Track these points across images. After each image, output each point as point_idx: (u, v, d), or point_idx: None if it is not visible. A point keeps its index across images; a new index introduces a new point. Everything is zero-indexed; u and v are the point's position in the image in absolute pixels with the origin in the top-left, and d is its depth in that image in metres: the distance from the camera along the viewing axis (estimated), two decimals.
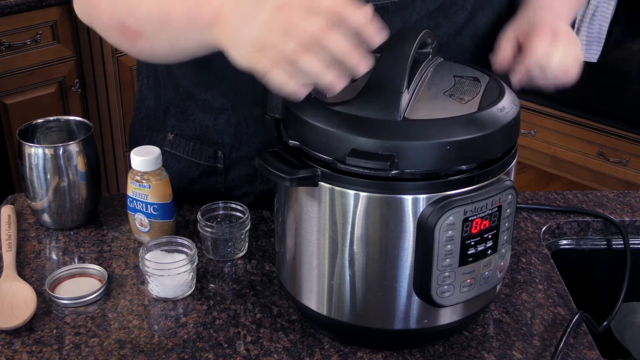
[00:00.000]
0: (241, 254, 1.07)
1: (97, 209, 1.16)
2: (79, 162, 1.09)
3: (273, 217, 1.13)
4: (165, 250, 1.01)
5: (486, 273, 0.85)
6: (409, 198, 0.79)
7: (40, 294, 0.98)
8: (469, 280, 0.84)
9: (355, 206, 0.80)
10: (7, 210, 1.14)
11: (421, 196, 0.79)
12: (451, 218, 0.79)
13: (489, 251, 0.84)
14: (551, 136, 3.19)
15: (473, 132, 0.78)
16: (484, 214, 0.81)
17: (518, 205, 1.13)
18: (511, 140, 0.84)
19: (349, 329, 0.88)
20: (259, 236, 1.12)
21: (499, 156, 0.83)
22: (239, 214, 1.08)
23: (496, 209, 0.82)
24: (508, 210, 0.83)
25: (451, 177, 0.79)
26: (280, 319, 0.95)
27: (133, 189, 1.06)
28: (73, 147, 1.08)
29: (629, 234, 1.18)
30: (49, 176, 1.08)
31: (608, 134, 3.01)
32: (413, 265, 0.82)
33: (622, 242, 1.16)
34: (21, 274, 1.02)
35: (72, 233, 1.12)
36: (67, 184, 1.09)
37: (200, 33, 0.81)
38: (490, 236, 0.83)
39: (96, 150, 1.12)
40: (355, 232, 0.82)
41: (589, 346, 0.92)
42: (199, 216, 1.06)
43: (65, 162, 1.08)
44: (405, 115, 0.79)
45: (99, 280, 1.01)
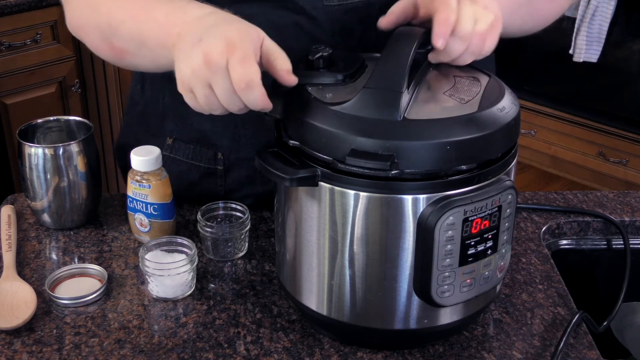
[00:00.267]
0: (241, 254, 1.07)
1: (97, 209, 1.16)
2: (79, 162, 1.09)
3: (273, 217, 1.13)
4: (165, 250, 1.01)
5: (486, 273, 0.85)
6: (409, 198, 0.79)
7: (40, 294, 0.98)
8: (469, 280, 0.84)
9: (355, 206, 0.80)
10: (7, 210, 1.14)
11: (421, 196, 0.79)
12: (451, 218, 0.79)
13: (489, 251, 0.84)
14: (551, 136, 3.19)
15: (473, 132, 0.78)
16: (484, 214, 0.81)
17: (518, 205, 1.13)
18: (511, 140, 0.84)
19: (349, 329, 0.88)
20: (259, 236, 1.12)
21: (499, 156, 0.83)
22: (239, 214, 1.08)
23: (496, 209, 0.82)
24: (508, 210, 0.83)
25: (451, 177, 0.79)
26: (280, 319, 0.95)
27: (133, 189, 1.06)
28: (73, 147, 1.08)
29: (629, 234, 1.18)
30: (49, 176, 1.08)
31: (608, 134, 3.01)
32: (413, 265, 0.82)
33: (622, 242, 1.16)
34: (21, 274, 1.02)
35: (72, 233, 1.12)
36: (67, 184, 1.09)
37: (169, 51, 0.89)
38: (490, 236, 0.83)
39: (96, 150, 1.12)
40: (355, 232, 0.82)
41: (589, 346, 0.92)
42: (199, 216, 1.06)
43: (65, 162, 1.08)
44: (405, 115, 0.79)
45: (99, 280, 1.01)
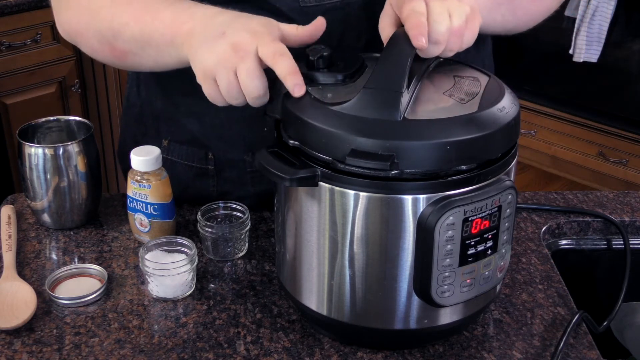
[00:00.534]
0: (241, 254, 1.07)
1: (97, 209, 1.16)
2: (79, 162, 1.09)
3: (273, 217, 1.13)
4: (165, 250, 1.01)
5: (486, 273, 0.85)
6: (409, 198, 0.79)
7: (40, 294, 0.98)
8: (469, 280, 0.84)
9: (355, 206, 0.80)
10: (7, 210, 1.14)
11: (421, 196, 0.79)
12: (451, 218, 0.79)
13: (489, 251, 0.84)
14: (551, 136, 3.19)
15: (473, 132, 0.78)
16: (484, 214, 0.81)
17: (518, 205, 1.13)
18: (511, 140, 0.84)
19: (349, 329, 0.88)
20: (259, 236, 1.12)
21: (499, 156, 0.83)
22: (239, 214, 1.08)
23: (496, 209, 0.82)
24: (508, 210, 0.83)
25: (451, 177, 0.79)
26: (280, 319, 0.95)
27: (133, 189, 1.06)
28: (73, 147, 1.08)
29: (629, 234, 1.18)
30: (49, 176, 1.08)
31: (608, 134, 3.01)
32: (413, 265, 0.82)
33: (622, 242, 1.16)
34: (21, 274, 1.02)
35: (72, 233, 1.12)
36: (67, 184, 1.09)
37: (176, 49, 0.93)
38: (490, 236, 0.83)
39: (96, 150, 1.12)
40: (355, 232, 0.82)
41: (589, 346, 0.92)
42: (199, 216, 1.06)
43: (65, 162, 1.08)
44: (405, 116, 0.79)
45: (99, 280, 1.01)
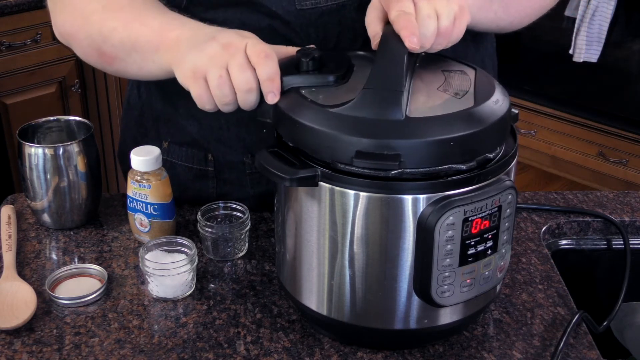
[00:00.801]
0: (241, 254, 1.07)
1: (97, 209, 1.16)
2: (79, 162, 1.09)
3: (273, 217, 1.13)
4: (165, 250, 1.01)
5: (486, 273, 0.85)
6: (409, 198, 0.79)
7: (40, 294, 0.98)
8: (469, 280, 0.84)
9: (355, 206, 0.80)
10: (7, 210, 1.14)
11: (421, 196, 0.79)
12: (451, 218, 0.79)
13: (489, 251, 0.84)
14: (551, 136, 3.19)
15: (476, 126, 0.79)
16: (484, 214, 0.81)
17: (518, 205, 1.13)
18: (509, 131, 0.86)
19: (349, 329, 0.88)
20: (259, 236, 1.12)
21: (499, 156, 0.83)
22: (239, 214, 1.08)
23: (496, 209, 0.82)
24: (508, 210, 0.83)
25: (451, 177, 0.79)
26: (280, 319, 0.95)
27: (133, 189, 1.06)
28: (73, 147, 1.08)
29: (629, 234, 1.18)
30: (49, 176, 1.08)
31: (608, 134, 3.01)
32: (413, 265, 0.82)
33: (622, 242, 1.16)
34: (21, 274, 1.02)
35: (72, 233, 1.12)
36: (67, 184, 1.09)
37: (160, 56, 0.94)
38: (490, 236, 0.83)
39: (96, 150, 1.12)
40: (355, 232, 0.82)
41: (589, 346, 0.92)
42: (199, 216, 1.06)
43: (65, 162, 1.08)
44: (407, 114, 0.79)
45: (99, 280, 1.01)
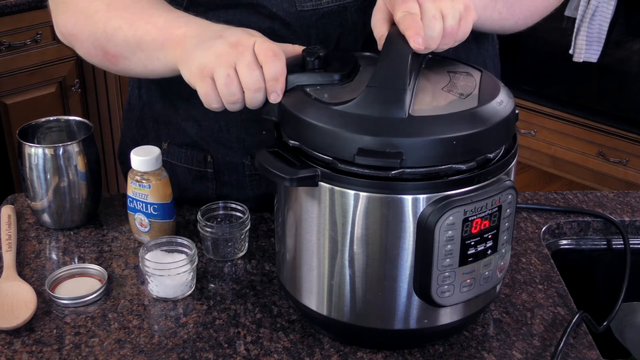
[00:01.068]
0: (241, 254, 1.07)
1: (97, 209, 1.16)
2: (79, 162, 1.09)
3: (273, 217, 1.13)
4: (165, 250, 1.01)
5: (486, 273, 0.85)
6: (409, 198, 0.79)
7: (40, 294, 0.98)
8: (469, 280, 0.84)
9: (355, 206, 0.80)
10: (7, 210, 1.14)
11: (421, 196, 0.79)
12: (451, 218, 0.79)
13: (489, 251, 0.84)
14: (551, 136, 3.19)
15: (478, 126, 0.79)
16: (484, 214, 0.81)
17: (518, 205, 1.13)
18: (512, 132, 0.86)
19: (349, 329, 0.88)
20: (259, 236, 1.12)
21: (499, 156, 0.83)
22: (239, 214, 1.08)
23: (496, 209, 0.82)
24: (508, 210, 0.83)
25: (451, 177, 0.79)
26: (280, 319, 0.95)
27: (133, 189, 1.06)
28: (73, 147, 1.08)
29: (629, 234, 1.18)
30: (49, 176, 1.08)
31: (608, 134, 3.01)
32: (413, 265, 0.82)
33: (622, 242, 1.16)
34: (21, 274, 1.02)
35: (72, 233, 1.12)
36: (67, 184, 1.09)
37: (166, 54, 0.94)
38: (490, 236, 0.83)
39: (96, 150, 1.12)
40: (355, 232, 0.82)
41: (589, 346, 0.92)
42: (199, 216, 1.06)
43: (65, 162, 1.08)
44: (410, 113, 0.79)
45: (99, 280, 1.01)
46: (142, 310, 0.97)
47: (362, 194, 0.79)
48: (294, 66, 0.87)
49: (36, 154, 1.07)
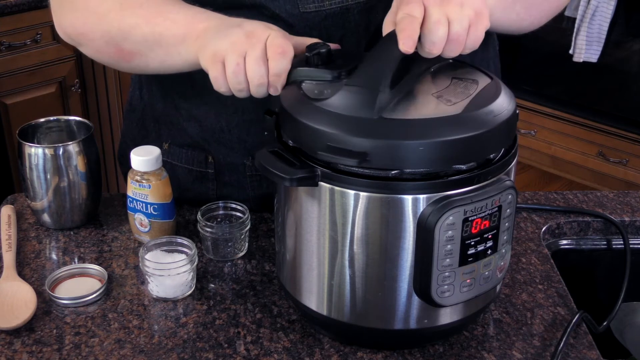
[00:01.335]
0: (241, 254, 1.07)
1: (97, 209, 1.16)
2: (79, 162, 1.09)
3: (273, 217, 1.13)
4: (165, 250, 1.01)
5: (486, 273, 0.85)
6: (409, 198, 0.79)
7: (40, 294, 0.98)
8: (469, 280, 0.84)
9: (355, 206, 0.80)
10: (7, 210, 1.14)
11: (421, 196, 0.79)
12: (451, 218, 0.79)
13: (489, 251, 0.84)
14: (551, 136, 3.19)
15: (450, 133, 0.78)
16: (484, 214, 0.81)
17: (518, 205, 1.13)
18: (499, 143, 0.83)
19: (349, 329, 0.88)
20: (259, 236, 1.12)
21: (500, 156, 0.83)
22: (239, 214, 1.08)
23: (496, 209, 0.82)
24: (508, 210, 0.83)
25: (451, 177, 0.79)
26: (280, 319, 0.95)
27: (133, 189, 1.06)
28: (73, 147, 1.08)
29: (629, 234, 1.18)
30: (49, 176, 1.08)
31: (608, 134, 3.01)
32: (413, 265, 0.82)
33: (622, 242, 1.16)
34: (21, 274, 1.02)
35: (72, 233, 1.12)
36: (67, 184, 1.09)
37: (186, 47, 0.95)
38: (490, 236, 0.83)
39: (96, 150, 1.12)
40: (355, 232, 0.82)
41: (589, 346, 0.92)
42: (199, 216, 1.06)
43: (65, 162, 1.08)
44: (384, 115, 0.79)
45: (99, 280, 1.01)
46: (142, 310, 0.97)
47: (362, 194, 0.80)
48: (300, 61, 0.89)
49: (36, 154, 1.07)
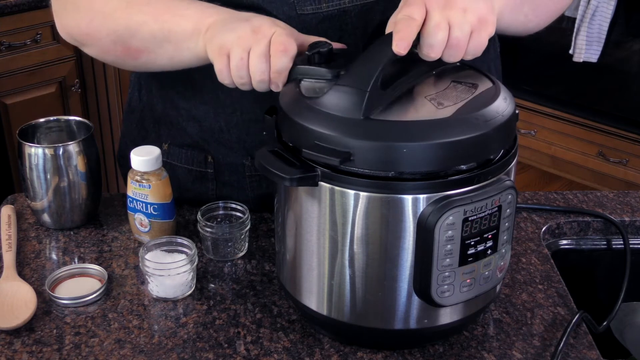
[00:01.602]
0: (241, 254, 1.07)
1: (97, 209, 1.16)
2: (79, 162, 1.09)
3: (273, 217, 1.13)
4: (165, 250, 1.01)
5: (486, 273, 0.85)
6: (409, 198, 0.79)
7: (40, 294, 0.98)
8: (469, 280, 0.84)
9: (355, 206, 0.80)
10: (7, 210, 1.14)
11: (421, 196, 0.79)
12: (451, 218, 0.79)
13: (489, 251, 0.84)
14: (551, 136, 3.19)
15: (434, 137, 0.77)
16: (484, 214, 0.81)
17: (518, 205, 1.13)
18: (487, 151, 0.82)
19: (349, 329, 0.88)
20: (259, 236, 1.12)
21: (500, 156, 0.83)
22: (239, 214, 1.08)
23: (496, 209, 0.82)
24: (508, 210, 0.83)
25: (451, 177, 0.79)
26: (280, 319, 0.95)
27: (133, 189, 1.06)
28: (73, 147, 1.08)
29: (629, 234, 1.18)
30: (49, 176, 1.08)
31: (608, 134, 3.01)
32: (413, 265, 0.82)
33: (622, 242, 1.16)
34: (21, 274, 1.02)
35: (72, 233, 1.12)
36: (67, 184, 1.09)
37: (196, 41, 0.96)
38: (490, 236, 0.83)
39: (96, 150, 1.12)
40: (355, 232, 0.82)
41: (589, 346, 0.92)
42: (199, 216, 1.06)
43: (65, 162, 1.08)
44: (373, 116, 0.79)
45: (99, 280, 1.01)
46: (142, 310, 0.97)
47: (362, 194, 0.80)
48: (303, 59, 0.90)
49: (36, 154, 1.07)
